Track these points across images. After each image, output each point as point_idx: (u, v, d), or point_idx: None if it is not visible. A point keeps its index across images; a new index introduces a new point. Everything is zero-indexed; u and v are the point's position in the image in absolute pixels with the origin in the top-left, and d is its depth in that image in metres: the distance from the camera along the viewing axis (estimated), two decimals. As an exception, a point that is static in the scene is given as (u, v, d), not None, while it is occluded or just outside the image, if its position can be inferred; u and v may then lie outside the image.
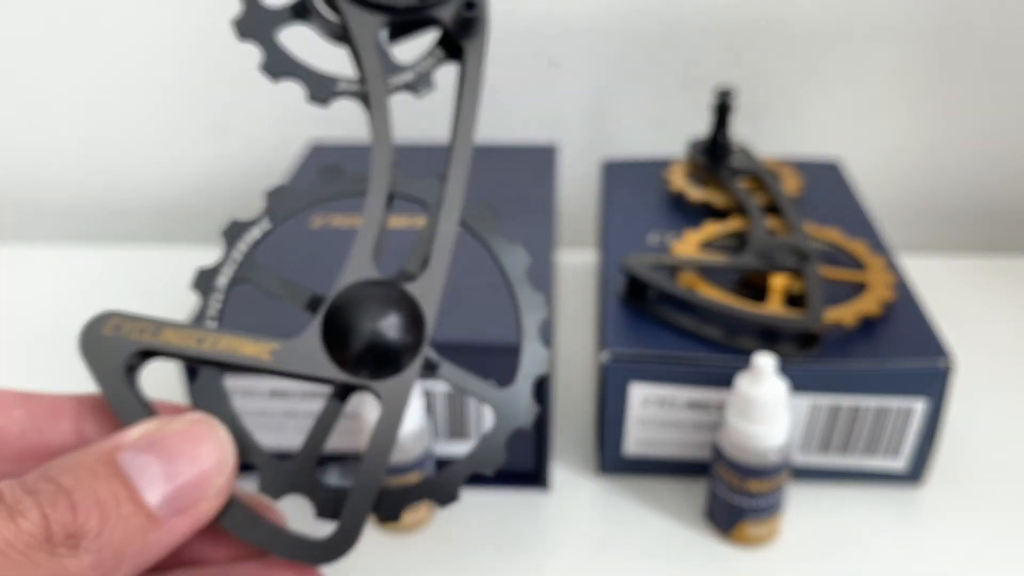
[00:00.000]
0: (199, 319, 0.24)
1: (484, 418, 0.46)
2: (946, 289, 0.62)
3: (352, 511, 0.23)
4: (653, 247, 0.53)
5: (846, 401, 0.44)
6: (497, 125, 0.73)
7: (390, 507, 0.24)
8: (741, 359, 0.43)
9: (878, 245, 0.53)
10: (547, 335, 0.25)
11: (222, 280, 0.25)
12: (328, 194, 0.26)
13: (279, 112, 0.73)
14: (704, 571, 0.43)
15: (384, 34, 0.25)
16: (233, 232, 0.25)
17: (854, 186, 0.62)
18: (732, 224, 0.54)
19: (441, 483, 0.25)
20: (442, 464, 0.47)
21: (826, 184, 0.62)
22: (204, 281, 0.25)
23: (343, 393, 0.24)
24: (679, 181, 0.59)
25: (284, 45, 0.25)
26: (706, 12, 0.68)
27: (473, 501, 0.47)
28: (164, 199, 0.78)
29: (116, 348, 0.22)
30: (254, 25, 0.24)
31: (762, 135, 0.72)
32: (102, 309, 0.23)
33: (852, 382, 0.44)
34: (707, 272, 0.49)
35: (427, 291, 0.24)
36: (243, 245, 0.25)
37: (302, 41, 0.29)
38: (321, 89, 0.25)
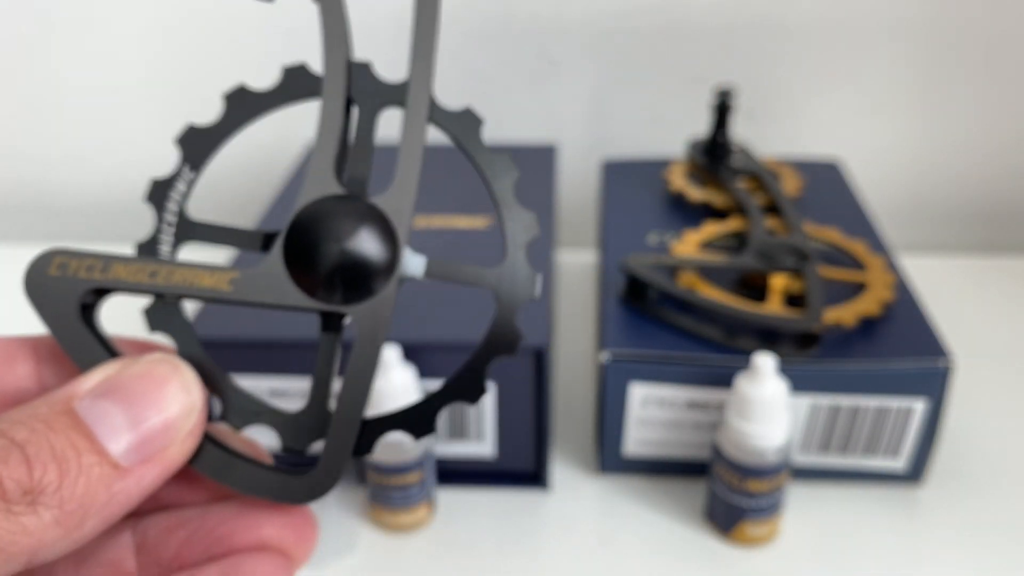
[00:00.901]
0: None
1: (485, 416, 0.46)
2: (945, 289, 0.62)
3: (333, 446, 0.22)
4: (653, 247, 0.53)
5: (846, 401, 0.44)
6: (497, 125, 0.73)
7: (423, 417, 0.22)
8: (741, 359, 0.43)
9: (878, 245, 0.53)
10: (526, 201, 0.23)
11: (164, 248, 0.23)
12: (244, 117, 0.23)
13: (278, 112, 0.73)
14: (704, 571, 0.43)
15: None
16: (158, 193, 0.23)
17: (854, 186, 0.62)
18: (732, 224, 0.54)
19: (465, 380, 0.23)
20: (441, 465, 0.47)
21: (826, 184, 0.62)
22: (146, 254, 0.22)
23: (332, 324, 0.22)
24: (679, 181, 0.59)
25: None
26: (706, 12, 0.68)
27: (473, 501, 0.47)
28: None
29: (64, 288, 0.21)
30: None
31: (761, 135, 0.72)
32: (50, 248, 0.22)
33: (852, 382, 0.44)
34: (707, 272, 0.49)
35: (397, 203, 0.22)
36: (173, 204, 0.23)
37: None
38: None
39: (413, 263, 0.22)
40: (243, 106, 0.23)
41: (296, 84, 0.23)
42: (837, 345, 0.45)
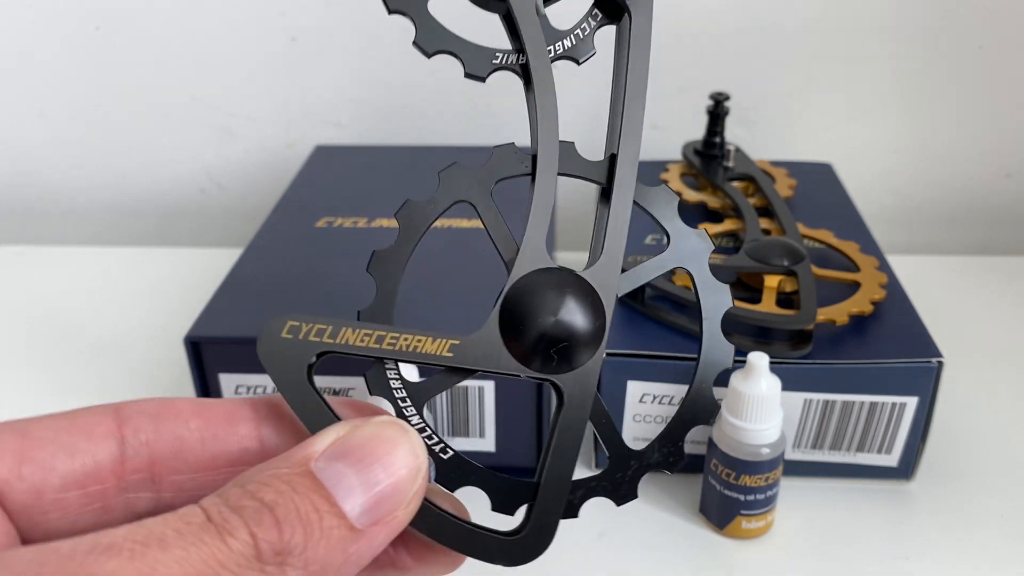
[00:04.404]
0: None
1: (486, 413, 0.47)
2: (934, 288, 0.63)
3: (544, 508, 0.23)
4: (650, 247, 0.54)
5: (839, 399, 0.45)
6: (497, 128, 0.74)
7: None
8: (736, 357, 0.44)
9: (869, 246, 0.54)
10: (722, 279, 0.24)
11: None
12: (459, 195, 0.24)
13: (284, 116, 0.74)
14: (699, 564, 0.44)
15: None
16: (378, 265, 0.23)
17: (845, 188, 0.63)
18: (727, 225, 0.55)
19: (665, 447, 0.24)
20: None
21: (818, 186, 0.63)
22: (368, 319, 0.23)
23: (558, 394, 0.23)
24: (675, 183, 0.60)
25: (434, 18, 0.23)
26: (702, 18, 0.69)
27: (474, 495, 0.48)
28: (170, 203, 0.79)
29: (296, 352, 0.22)
30: None
31: (755, 139, 0.73)
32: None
33: (844, 380, 0.45)
34: (702, 272, 0.50)
35: (604, 276, 0.23)
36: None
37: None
38: (479, 63, 0.23)
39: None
40: (457, 184, 0.23)
41: (506, 161, 0.24)
42: (830, 344, 0.46)
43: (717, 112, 0.59)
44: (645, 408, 0.47)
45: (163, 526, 0.17)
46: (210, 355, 0.46)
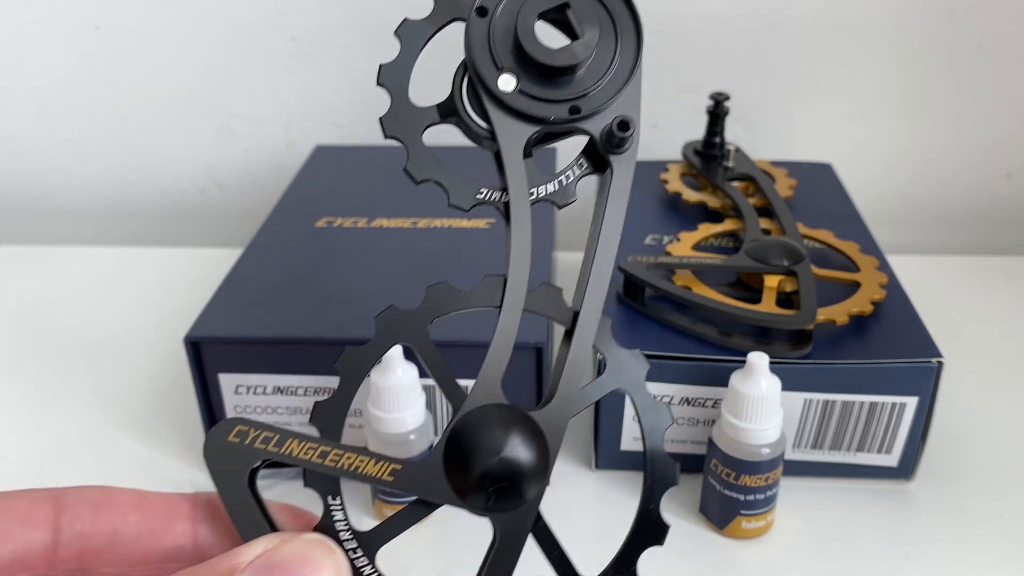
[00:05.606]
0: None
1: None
2: (932, 288, 0.63)
3: None
4: (650, 247, 0.54)
5: (839, 399, 0.45)
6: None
7: None
8: (735, 357, 0.44)
9: (869, 246, 0.54)
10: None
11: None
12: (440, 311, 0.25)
13: (284, 116, 0.74)
14: (699, 564, 0.44)
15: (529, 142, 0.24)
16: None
17: (845, 188, 0.63)
18: (727, 225, 0.55)
19: (620, 570, 0.25)
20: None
21: (818, 186, 0.63)
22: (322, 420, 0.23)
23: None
24: (675, 183, 0.60)
25: (427, 147, 0.24)
26: (702, 18, 0.69)
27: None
28: (170, 203, 0.79)
29: (240, 457, 0.22)
30: (401, 124, 0.24)
31: (755, 138, 0.73)
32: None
33: (844, 380, 0.45)
34: (702, 272, 0.50)
35: (553, 420, 0.23)
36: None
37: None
38: (462, 196, 0.25)
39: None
40: (394, 327, 0.24)
41: (441, 299, 0.24)
42: (830, 344, 0.45)
43: (717, 112, 0.59)
44: (645, 408, 0.47)
45: None
46: (210, 355, 0.46)
